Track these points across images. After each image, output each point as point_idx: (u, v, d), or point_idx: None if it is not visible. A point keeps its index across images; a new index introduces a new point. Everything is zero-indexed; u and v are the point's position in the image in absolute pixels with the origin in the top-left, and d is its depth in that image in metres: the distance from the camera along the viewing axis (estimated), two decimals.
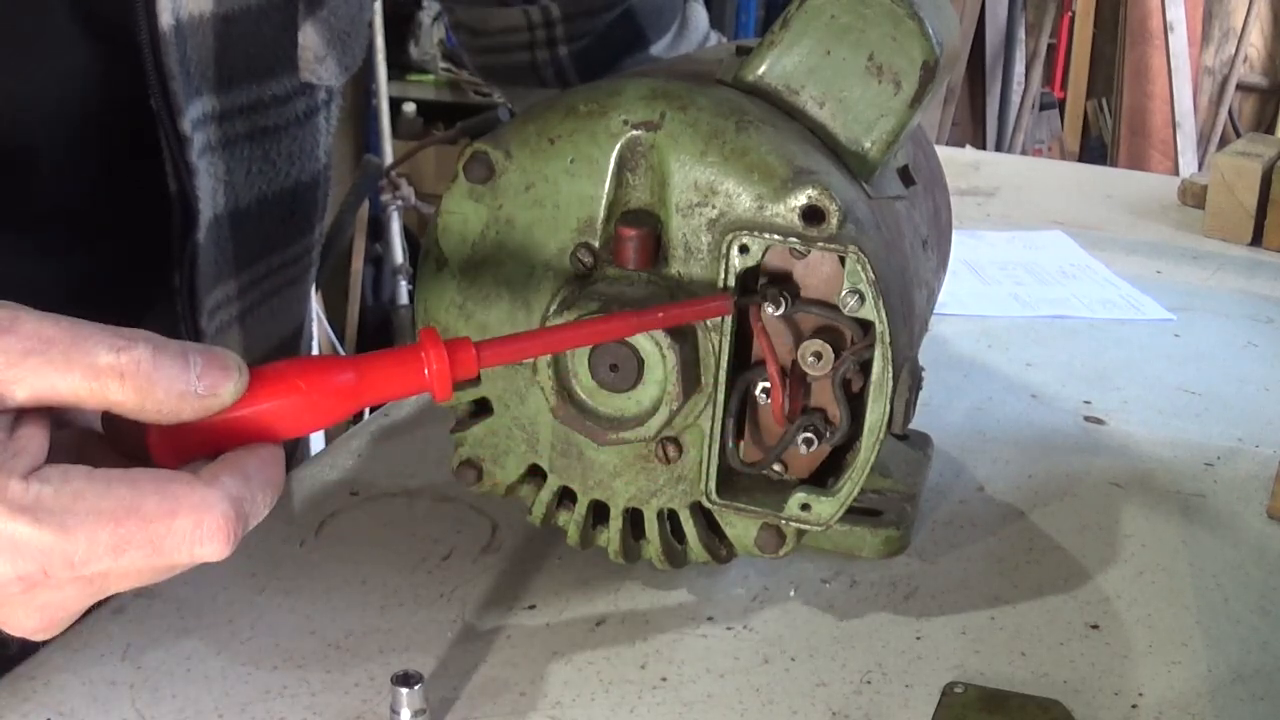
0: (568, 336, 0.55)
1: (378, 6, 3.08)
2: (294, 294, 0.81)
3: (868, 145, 0.61)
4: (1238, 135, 3.35)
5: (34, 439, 0.44)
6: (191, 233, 0.69)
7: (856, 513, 0.67)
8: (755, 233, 0.57)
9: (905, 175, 0.67)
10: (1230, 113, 3.62)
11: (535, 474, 0.63)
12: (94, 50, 0.65)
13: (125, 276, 0.72)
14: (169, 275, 0.71)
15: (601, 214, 0.59)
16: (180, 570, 0.46)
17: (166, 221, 0.69)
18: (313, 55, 0.73)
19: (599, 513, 0.64)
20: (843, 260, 0.57)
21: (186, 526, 0.44)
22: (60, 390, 0.44)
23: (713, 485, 0.61)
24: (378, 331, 3.11)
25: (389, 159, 3.14)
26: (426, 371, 0.48)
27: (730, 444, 0.60)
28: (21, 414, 0.44)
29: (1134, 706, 0.60)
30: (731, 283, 0.57)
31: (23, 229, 0.65)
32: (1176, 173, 3.14)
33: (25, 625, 0.46)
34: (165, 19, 0.64)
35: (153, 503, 0.44)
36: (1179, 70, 3.48)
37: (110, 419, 0.47)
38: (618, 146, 0.58)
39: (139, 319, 0.73)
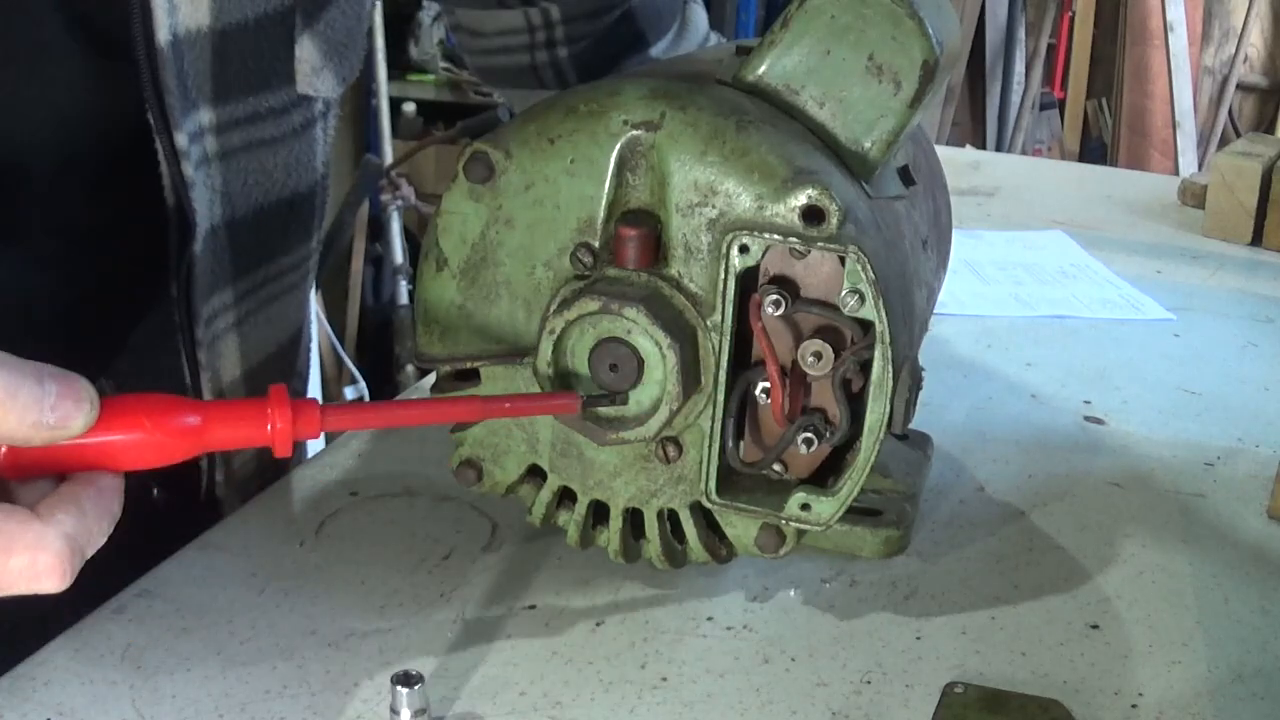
0: (413, 414, 0.56)
1: (378, 6, 3.09)
2: (292, 300, 0.81)
3: (868, 145, 0.61)
4: (1238, 135, 3.36)
5: None
6: (188, 244, 0.69)
7: (856, 513, 0.67)
8: (755, 233, 0.57)
9: (905, 175, 0.67)
10: (1230, 113, 3.62)
11: (535, 474, 0.63)
12: (90, 64, 0.65)
13: (122, 286, 0.72)
14: (166, 285, 0.71)
15: (601, 214, 0.59)
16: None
17: (163, 232, 0.69)
18: (310, 68, 0.73)
19: (599, 513, 0.64)
20: (843, 260, 0.57)
21: (21, 564, 0.44)
22: None
23: (713, 485, 0.61)
24: (378, 332, 3.11)
25: (389, 159, 3.14)
26: (269, 427, 0.49)
27: (730, 444, 0.60)
28: None
29: (1134, 706, 0.60)
30: (731, 282, 0.57)
31: (18, 240, 0.65)
32: (1176, 173, 3.14)
33: None
34: (163, 34, 0.63)
35: None
36: (1179, 70, 3.48)
37: None
38: (618, 146, 0.58)
39: (136, 328, 0.74)
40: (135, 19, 0.63)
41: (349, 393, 2.86)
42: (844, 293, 0.56)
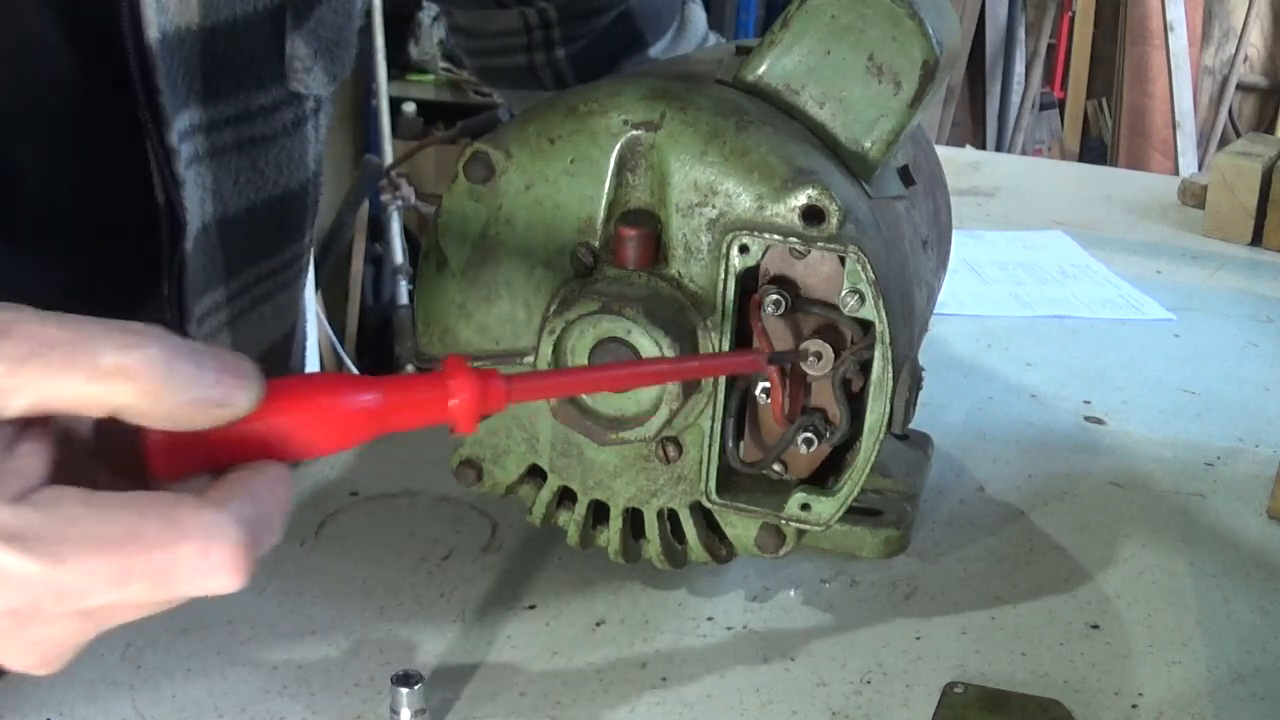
0: (603, 378, 0.54)
1: (377, 6, 3.09)
2: (285, 299, 0.81)
3: (868, 145, 0.61)
4: (1238, 135, 3.36)
5: (34, 458, 0.40)
6: (180, 242, 0.69)
7: (856, 513, 0.67)
8: (755, 233, 0.56)
9: (905, 175, 0.67)
10: (1230, 113, 3.62)
11: (535, 474, 0.63)
12: (79, 62, 0.65)
13: (112, 285, 0.72)
14: (157, 283, 0.70)
15: (601, 214, 0.59)
16: (188, 598, 0.42)
17: (154, 231, 0.69)
18: (300, 66, 0.73)
19: (599, 513, 0.64)
20: (843, 260, 0.57)
21: (193, 555, 0.40)
22: (64, 396, 0.40)
23: (713, 485, 0.61)
24: (378, 332, 3.11)
25: (389, 159, 3.14)
26: (453, 402, 0.44)
27: (730, 444, 0.60)
28: (25, 428, 0.40)
29: (1134, 706, 0.60)
30: (731, 282, 0.57)
31: (7, 238, 0.65)
32: (1176, 173, 3.14)
33: (21, 661, 0.42)
34: (152, 32, 0.63)
35: (154, 529, 0.39)
36: (1179, 70, 3.48)
37: (104, 429, 0.43)
38: (618, 146, 0.58)
39: None
40: (124, 17, 0.63)
41: None
42: (844, 293, 0.56)
